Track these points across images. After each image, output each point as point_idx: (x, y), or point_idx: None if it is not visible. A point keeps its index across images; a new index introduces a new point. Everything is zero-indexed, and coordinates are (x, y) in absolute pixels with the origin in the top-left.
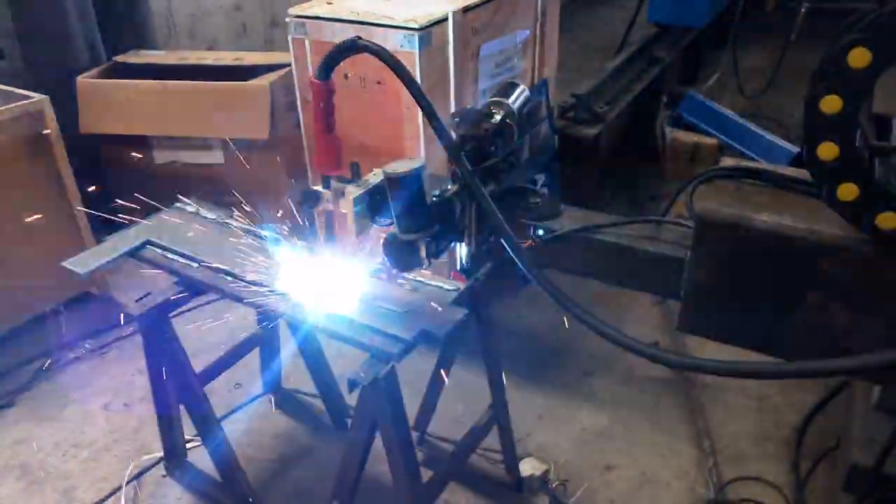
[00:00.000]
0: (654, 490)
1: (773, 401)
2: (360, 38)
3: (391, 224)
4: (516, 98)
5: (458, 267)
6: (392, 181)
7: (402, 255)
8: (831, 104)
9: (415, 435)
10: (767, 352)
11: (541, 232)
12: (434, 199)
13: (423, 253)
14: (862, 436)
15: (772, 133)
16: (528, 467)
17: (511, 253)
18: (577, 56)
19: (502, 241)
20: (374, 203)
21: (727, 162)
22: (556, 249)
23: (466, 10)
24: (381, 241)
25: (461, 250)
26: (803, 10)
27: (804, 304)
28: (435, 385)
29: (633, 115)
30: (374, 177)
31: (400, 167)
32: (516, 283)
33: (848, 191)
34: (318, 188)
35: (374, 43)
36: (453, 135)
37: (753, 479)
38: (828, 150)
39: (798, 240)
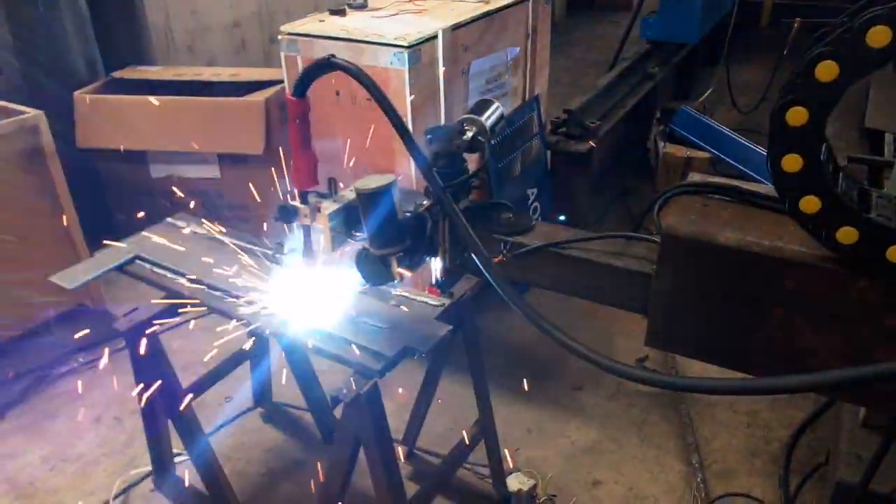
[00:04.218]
0: None
1: (763, 416)
2: (333, 56)
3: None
4: (490, 115)
5: (433, 282)
6: (363, 197)
7: (374, 270)
8: (797, 116)
9: (403, 449)
10: (735, 367)
11: (510, 247)
12: (407, 214)
13: (395, 268)
14: (848, 452)
15: (765, 148)
16: (515, 482)
17: (482, 268)
18: (573, 72)
19: (473, 256)
20: (349, 218)
21: (695, 177)
22: (526, 265)
23: (456, 27)
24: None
25: (435, 265)
26: (796, 25)
27: (769, 321)
28: (423, 399)
29: (626, 131)
30: (351, 192)
31: (371, 183)
32: None
33: (810, 204)
34: (296, 203)
35: (347, 61)
36: (426, 152)
37: (742, 495)
38: (792, 162)
39: (761, 256)
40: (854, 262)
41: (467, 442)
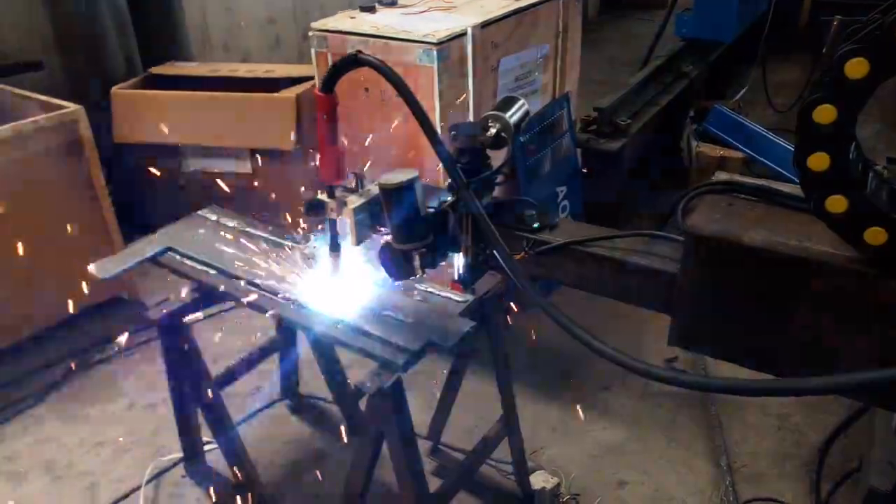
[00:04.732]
0: None
1: (795, 420)
2: (360, 52)
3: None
4: (514, 112)
5: (456, 277)
6: (386, 192)
7: (396, 264)
8: (825, 114)
9: (428, 444)
10: (759, 368)
11: (533, 244)
12: (430, 210)
13: (416, 263)
14: (881, 459)
15: None
16: (539, 480)
17: (503, 265)
18: (606, 70)
19: (495, 253)
20: (374, 213)
21: (721, 176)
22: (549, 262)
23: (485, 24)
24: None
25: (458, 261)
26: (835, 23)
27: (795, 322)
28: (448, 395)
29: (659, 129)
30: (376, 187)
31: (394, 178)
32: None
33: (837, 203)
34: (323, 197)
35: (374, 57)
36: (450, 148)
37: (771, 499)
38: (819, 161)
39: (787, 256)
40: (882, 263)
41: (491, 439)
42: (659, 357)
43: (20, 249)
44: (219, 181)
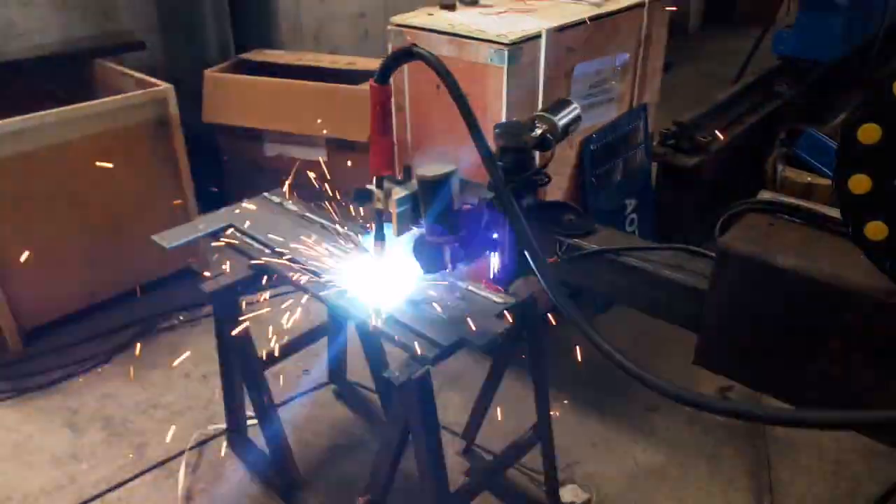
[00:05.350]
0: None
1: (852, 467)
2: (415, 45)
3: None
4: (564, 115)
5: (491, 277)
6: (422, 183)
7: (427, 257)
8: (869, 134)
9: (462, 443)
10: (782, 398)
11: (567, 248)
12: (466, 206)
13: (447, 257)
14: None
15: None
16: (569, 494)
17: (534, 268)
18: (697, 85)
19: (527, 255)
20: (417, 205)
21: (764, 195)
22: (581, 268)
23: (562, 28)
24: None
25: (494, 261)
26: None
27: (824, 353)
28: (484, 396)
29: (744, 149)
30: None
31: (432, 171)
32: (595, 307)
33: (876, 230)
34: (371, 187)
35: (427, 51)
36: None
37: None
38: (859, 183)
39: (820, 283)
40: None
41: (521, 445)
42: (714, 384)
43: (104, 217)
44: (295, 167)
